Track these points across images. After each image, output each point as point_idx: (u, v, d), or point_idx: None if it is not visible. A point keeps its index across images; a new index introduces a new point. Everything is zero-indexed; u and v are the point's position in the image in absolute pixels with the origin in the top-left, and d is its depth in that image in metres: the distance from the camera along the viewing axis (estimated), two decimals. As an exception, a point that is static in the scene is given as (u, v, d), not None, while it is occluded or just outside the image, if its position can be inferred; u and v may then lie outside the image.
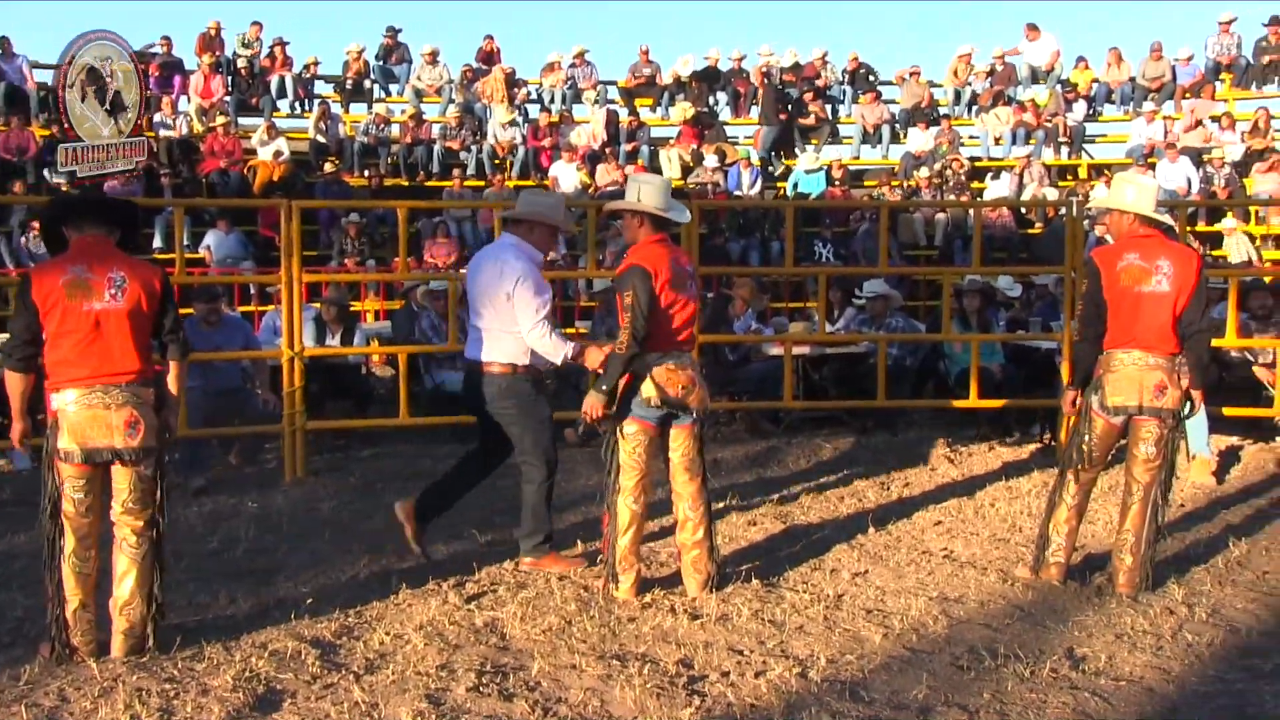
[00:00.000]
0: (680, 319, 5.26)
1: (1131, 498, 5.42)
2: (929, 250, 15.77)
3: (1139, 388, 5.28)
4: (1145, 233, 5.37)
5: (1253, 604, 5.25)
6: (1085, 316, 5.43)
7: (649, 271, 5.15)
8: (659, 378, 5.22)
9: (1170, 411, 5.30)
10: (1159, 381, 5.26)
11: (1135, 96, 18.02)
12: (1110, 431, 5.42)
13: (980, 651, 4.58)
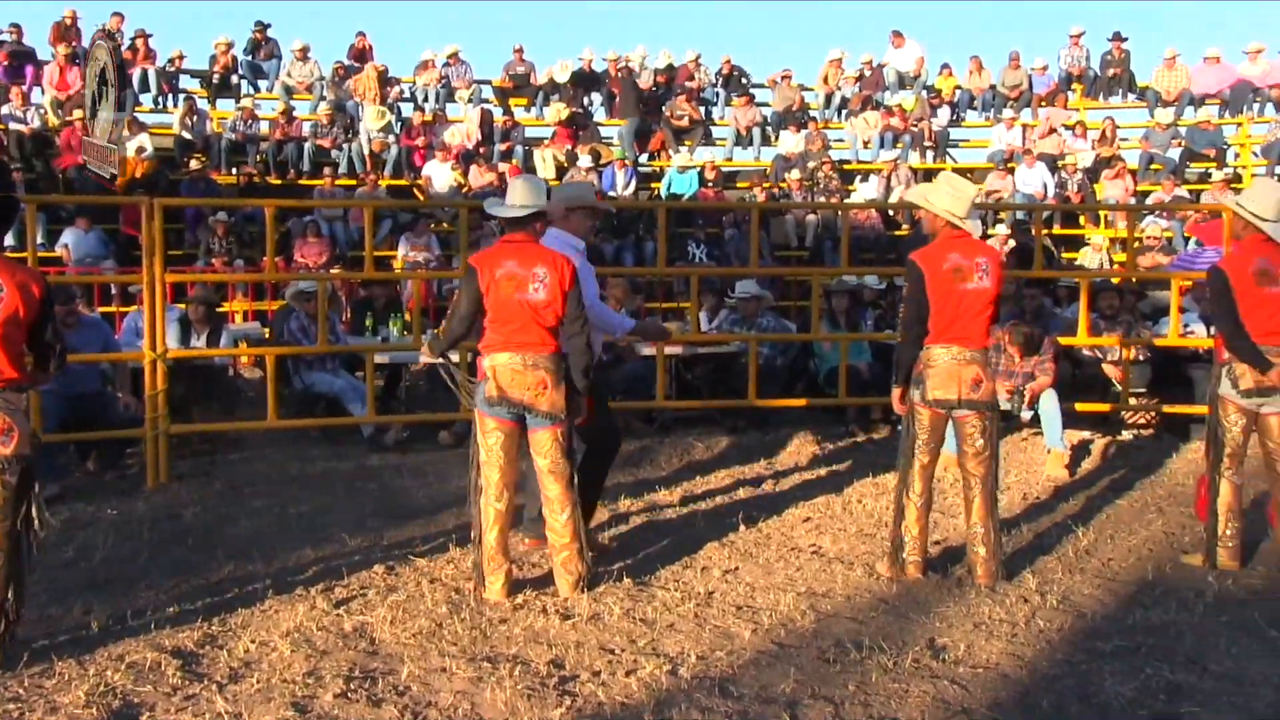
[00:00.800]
0: (518, 320, 5.25)
1: (972, 491, 5.62)
2: (800, 251, 16.03)
3: (957, 381, 5.48)
4: (958, 232, 5.58)
5: (1098, 589, 5.48)
6: (908, 317, 5.55)
7: (475, 270, 5.29)
8: (501, 377, 5.25)
9: (987, 404, 5.52)
10: (975, 375, 5.48)
11: (995, 103, 18.57)
12: (939, 422, 5.60)
13: (846, 644, 4.69)
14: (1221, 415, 5.80)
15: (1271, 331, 5.61)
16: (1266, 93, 17.33)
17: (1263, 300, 5.59)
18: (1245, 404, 5.73)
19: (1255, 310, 5.60)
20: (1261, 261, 5.63)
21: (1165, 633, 4.86)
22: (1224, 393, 5.76)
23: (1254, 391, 5.67)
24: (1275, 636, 4.83)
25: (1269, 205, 5.64)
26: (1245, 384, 5.67)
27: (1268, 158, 16.39)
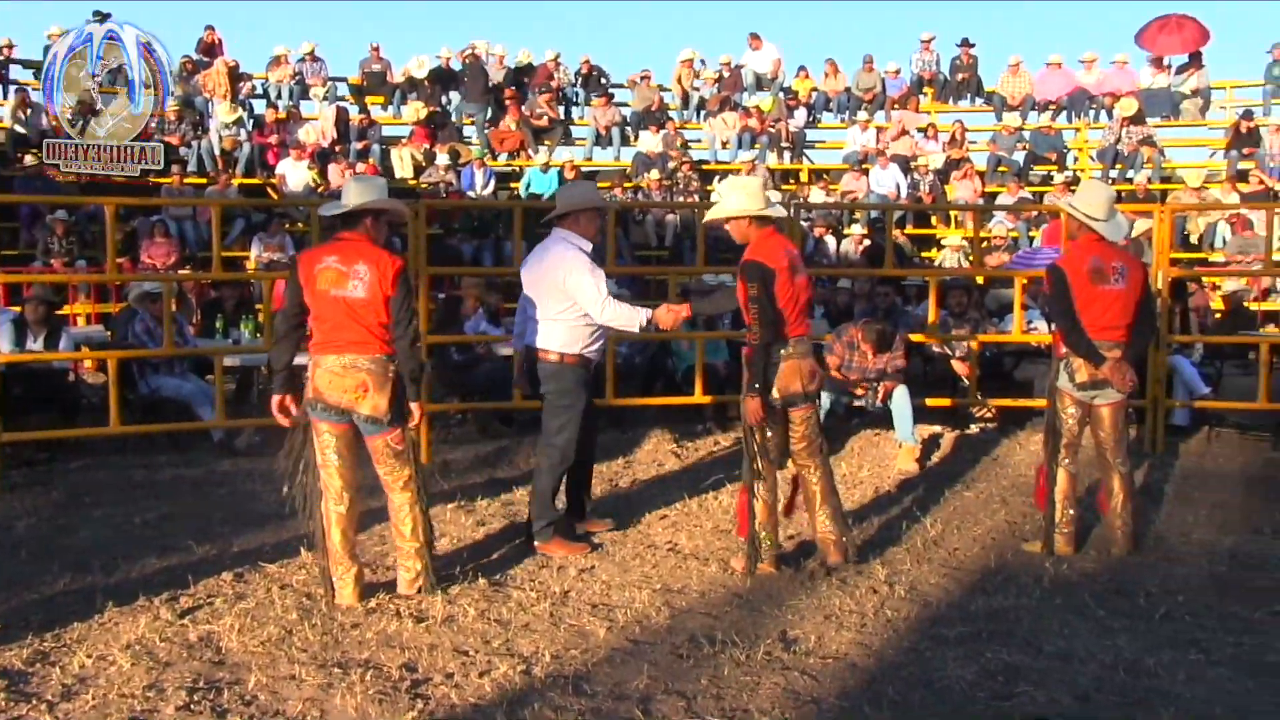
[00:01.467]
0: (336, 318, 5.15)
1: (811, 476, 5.81)
2: (660, 251, 16.13)
3: (799, 376, 5.60)
4: (767, 231, 5.72)
5: (944, 578, 5.65)
6: (763, 319, 5.56)
7: (296, 264, 5.28)
8: (319, 379, 5.18)
9: (817, 395, 5.73)
10: (811, 367, 5.66)
11: (850, 106, 18.96)
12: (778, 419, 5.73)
13: (700, 639, 4.74)
14: (1060, 408, 6.02)
15: (1105, 327, 5.85)
16: (1101, 99, 18.02)
17: (1097, 297, 5.82)
18: (1080, 396, 5.96)
19: (1090, 307, 5.83)
20: (1095, 260, 5.87)
21: (1005, 617, 5.03)
22: (1061, 386, 5.99)
23: (1089, 385, 5.91)
24: (1103, 616, 5.05)
25: (1099, 206, 5.90)
26: (1081, 377, 5.91)
27: (1103, 161, 17.06)
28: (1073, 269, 5.87)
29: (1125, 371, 5.90)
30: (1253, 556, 6.06)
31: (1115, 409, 6.06)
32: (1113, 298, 5.86)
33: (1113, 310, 5.86)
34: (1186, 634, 4.86)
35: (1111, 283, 5.87)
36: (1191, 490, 7.66)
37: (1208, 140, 18.12)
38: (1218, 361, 10.32)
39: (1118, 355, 5.90)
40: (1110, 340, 5.88)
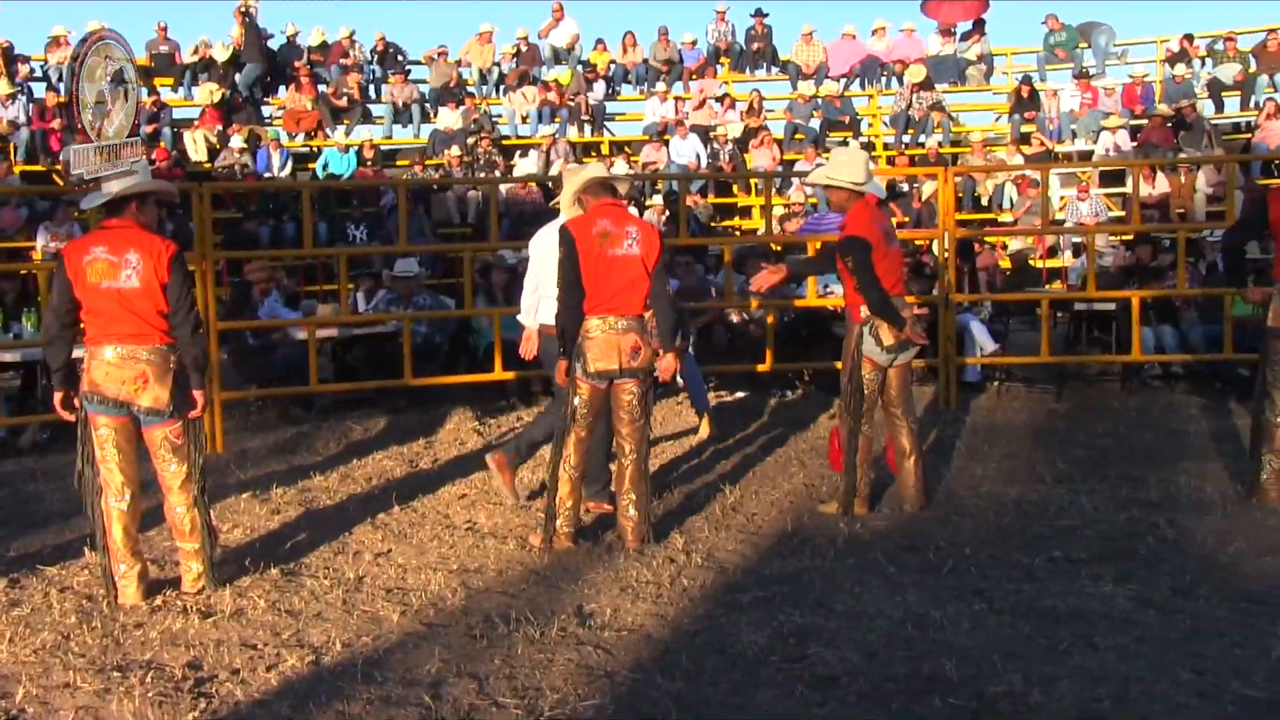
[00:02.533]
0: (110, 310, 4.90)
1: (625, 458, 5.71)
2: (463, 228, 15.89)
3: (616, 351, 5.55)
4: (611, 201, 5.67)
5: (741, 544, 5.69)
6: (566, 284, 5.57)
7: (62, 258, 4.96)
8: (95, 371, 4.91)
9: (645, 370, 5.62)
10: (633, 343, 5.57)
11: (649, 77, 18.99)
12: (597, 396, 5.66)
13: (494, 619, 4.64)
14: (861, 372, 6.11)
15: (894, 285, 5.99)
16: (891, 67, 18.49)
17: (887, 257, 5.95)
18: (883, 360, 6.07)
19: (884, 268, 5.94)
20: (883, 222, 5.98)
21: (799, 580, 5.08)
22: (867, 351, 6.07)
23: (895, 347, 6.02)
24: (894, 572, 5.15)
25: (859, 169, 6.02)
26: (887, 341, 6.02)
27: (894, 126, 17.52)
28: (870, 234, 5.94)
29: (919, 327, 6.09)
30: (1035, 505, 6.29)
31: (903, 369, 6.20)
32: (896, 256, 5.99)
33: (897, 268, 6.01)
34: (971, 585, 4.99)
35: (894, 242, 6.00)
36: (981, 444, 7.93)
37: (992, 105, 18.79)
38: (1005, 318, 10.71)
39: (910, 314, 6.06)
40: (900, 295, 6.03)
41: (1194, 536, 5.62)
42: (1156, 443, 7.83)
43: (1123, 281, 10.43)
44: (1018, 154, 16.00)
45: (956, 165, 15.71)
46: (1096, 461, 7.33)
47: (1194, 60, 17.59)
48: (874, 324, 5.99)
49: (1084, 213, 14.27)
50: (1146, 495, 6.44)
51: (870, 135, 17.99)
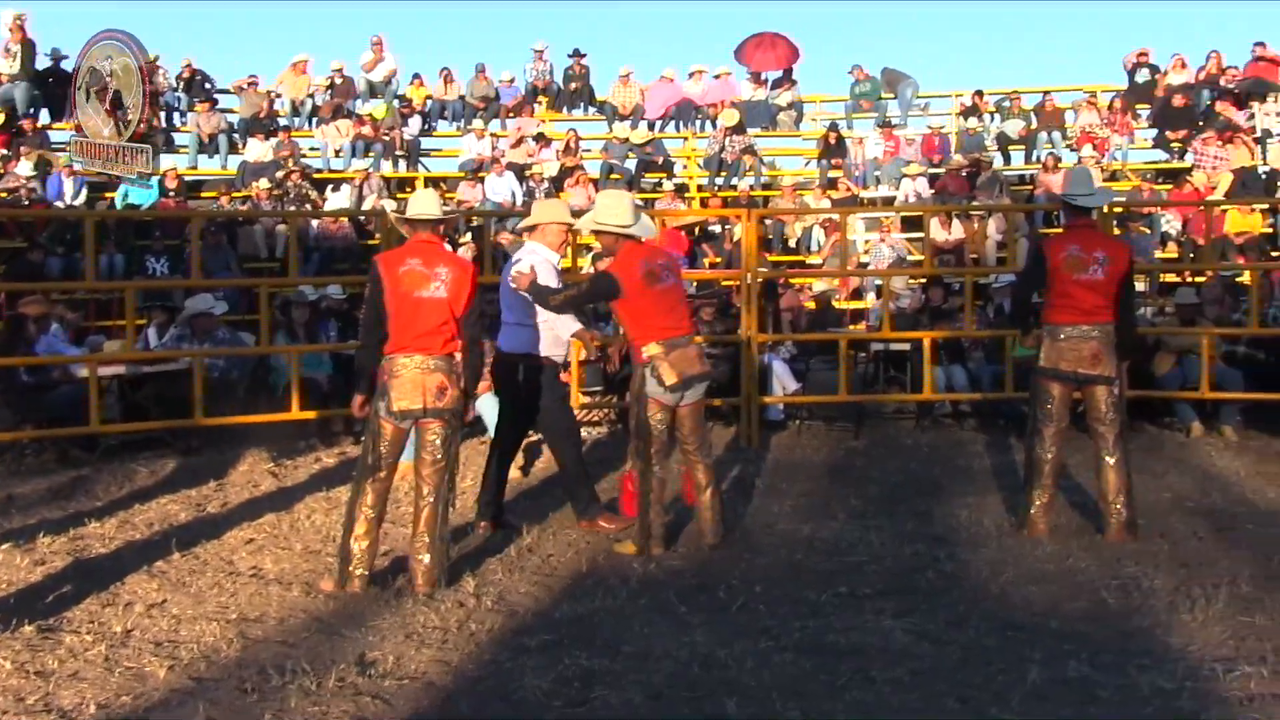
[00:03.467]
0: None
1: (423, 500, 5.58)
2: (271, 262, 15.46)
3: (422, 391, 5.45)
4: (427, 238, 5.59)
5: (535, 587, 5.62)
6: (367, 321, 5.53)
7: None
8: None
9: (451, 411, 5.53)
10: (439, 383, 5.47)
11: (465, 113, 18.92)
12: (399, 435, 5.55)
13: (269, 671, 4.46)
14: (647, 414, 6.13)
15: (669, 326, 6.05)
16: (706, 110, 18.84)
17: (656, 297, 6.00)
18: (669, 400, 6.10)
19: (639, 305, 6.01)
20: (645, 263, 6.03)
21: (589, 621, 5.05)
22: (650, 392, 6.09)
23: (678, 386, 6.06)
24: (684, 612, 5.17)
25: (624, 212, 6.10)
26: (670, 380, 6.04)
27: (708, 169, 17.83)
28: (626, 275, 6.00)
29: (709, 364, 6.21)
30: (826, 542, 6.41)
31: (694, 408, 6.25)
32: (666, 295, 6.06)
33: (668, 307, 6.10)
34: (759, 623, 5.03)
35: (665, 281, 6.06)
36: (780, 482, 8.06)
37: (801, 150, 19.31)
38: (807, 358, 10.95)
39: (694, 352, 6.12)
40: (680, 335, 6.08)
41: (970, 569, 5.82)
42: (943, 478, 8.10)
43: (918, 323, 10.80)
44: (824, 198, 16.45)
45: (767, 208, 16.15)
46: (888, 497, 7.53)
47: (984, 114, 18.43)
48: (655, 364, 6.02)
49: (886, 256, 14.75)
50: (931, 529, 6.65)
51: (684, 177, 18.27)
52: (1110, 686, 4.23)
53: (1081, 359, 6.30)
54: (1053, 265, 6.33)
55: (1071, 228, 6.56)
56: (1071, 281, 6.29)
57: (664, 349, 6.03)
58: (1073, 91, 18.69)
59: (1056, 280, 6.34)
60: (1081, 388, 6.41)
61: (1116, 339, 6.36)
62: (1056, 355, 6.34)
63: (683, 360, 6.06)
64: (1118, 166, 17.18)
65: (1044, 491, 6.45)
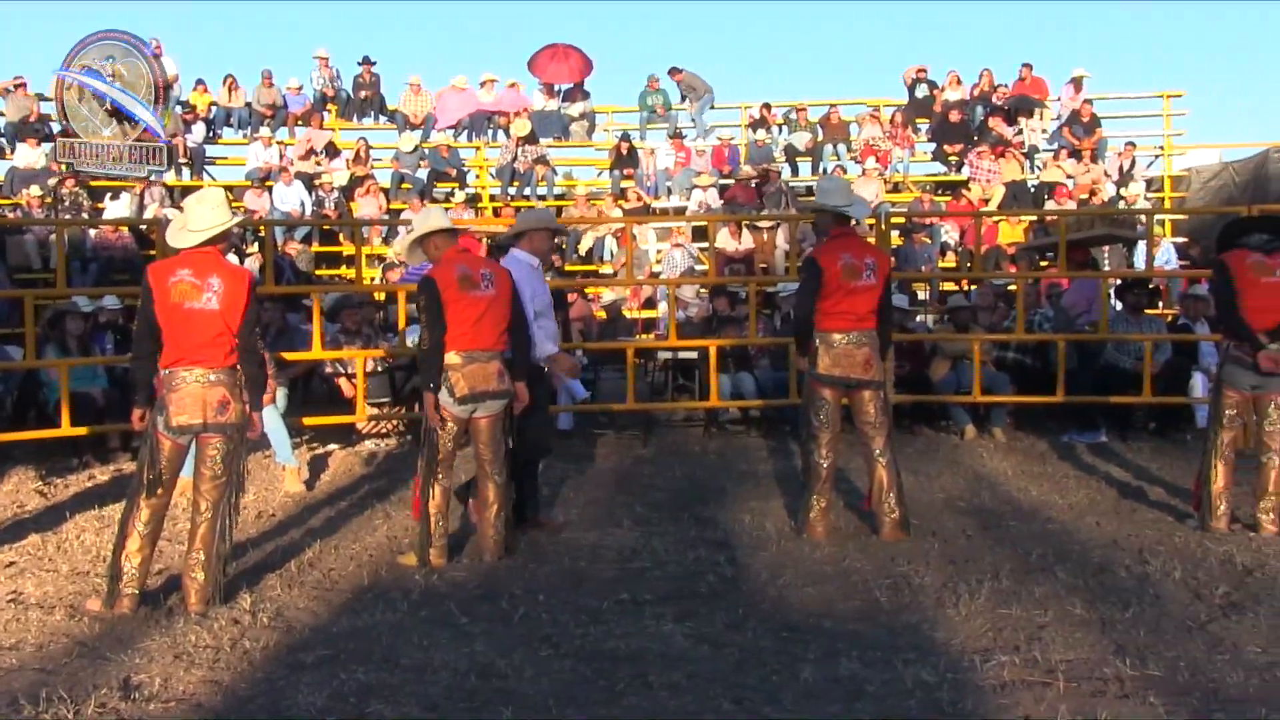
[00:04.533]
0: None
1: (200, 516, 5.43)
2: (45, 273, 14.71)
3: (202, 405, 5.29)
4: (201, 251, 5.43)
5: (314, 602, 5.51)
6: (138, 333, 5.36)
7: None
8: None
9: (234, 426, 5.39)
10: (221, 397, 5.33)
11: (252, 121, 18.41)
12: (177, 452, 5.38)
13: (22, 701, 4.23)
14: (436, 424, 6.09)
15: (473, 338, 6.04)
16: (498, 120, 18.81)
17: (466, 305, 5.99)
18: (458, 411, 6.08)
19: (458, 316, 5.98)
20: (461, 268, 6.02)
21: (367, 635, 4.98)
22: (442, 402, 6.06)
23: (469, 398, 6.04)
24: (465, 623, 5.15)
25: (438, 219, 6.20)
26: (460, 391, 6.02)
27: (500, 179, 17.82)
28: (443, 280, 5.98)
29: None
30: (611, 549, 6.49)
31: (490, 422, 6.23)
32: (486, 302, 6.05)
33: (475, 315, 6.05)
34: (541, 631, 5.05)
35: (481, 289, 6.05)
36: (567, 491, 8.12)
37: (594, 160, 19.49)
38: (597, 367, 11.05)
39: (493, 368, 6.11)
40: (484, 349, 6.07)
41: (750, 572, 5.97)
42: (728, 484, 8.30)
43: (706, 331, 11.03)
44: (616, 207, 16.64)
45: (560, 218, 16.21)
46: (673, 504, 7.66)
47: (772, 127, 18.95)
48: (448, 374, 6.01)
49: (680, 263, 15.01)
50: (714, 535, 6.80)
51: (477, 187, 18.21)
52: (877, 682, 4.40)
53: (854, 365, 6.55)
54: (830, 275, 6.53)
55: (837, 237, 6.73)
56: (849, 289, 6.52)
57: (462, 360, 6.02)
58: (856, 105, 19.35)
59: (834, 289, 6.53)
60: (850, 392, 6.66)
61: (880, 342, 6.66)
62: (831, 362, 6.57)
63: (478, 374, 6.05)
64: (899, 178, 17.94)
65: (822, 496, 6.68)
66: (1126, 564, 6.00)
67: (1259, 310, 6.57)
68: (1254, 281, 6.59)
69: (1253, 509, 6.73)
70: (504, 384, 6.18)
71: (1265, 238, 6.71)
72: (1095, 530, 6.84)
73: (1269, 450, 6.70)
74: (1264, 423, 6.73)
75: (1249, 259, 6.64)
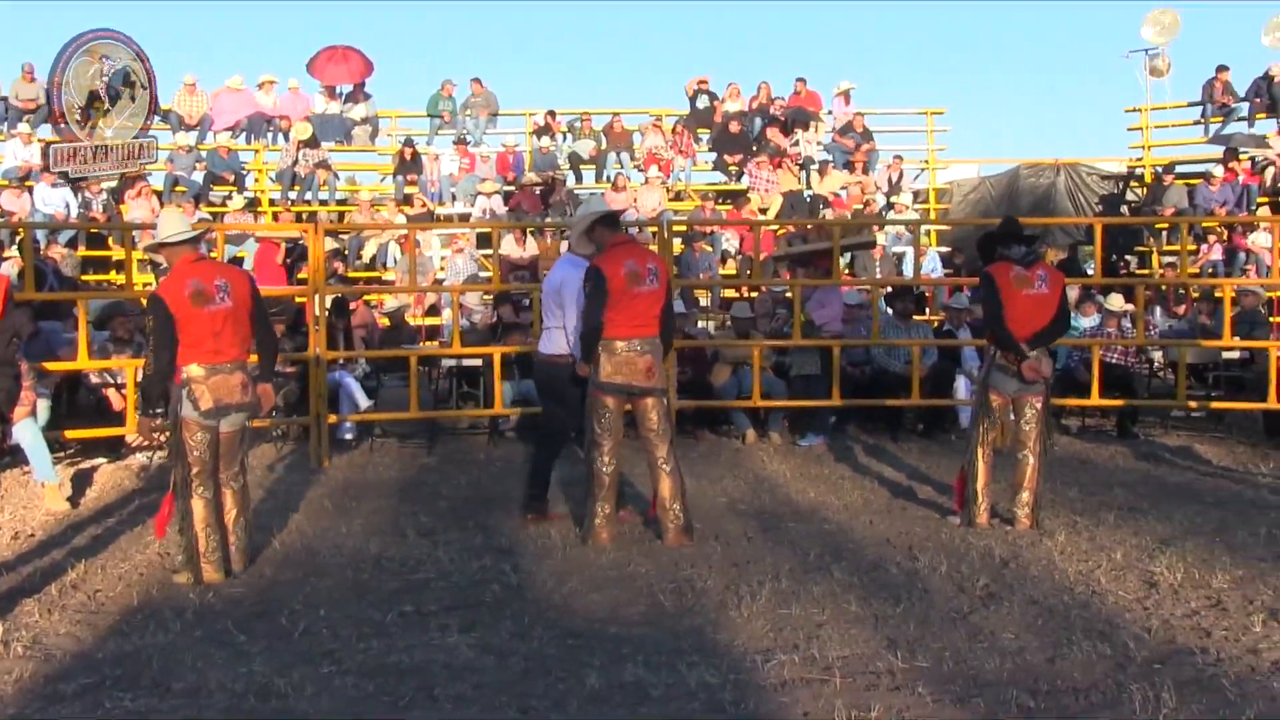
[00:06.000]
0: None
1: None
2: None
3: None
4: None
5: (77, 626, 5.24)
6: None
7: None
8: None
9: None
10: None
11: (9, 117, 17.36)
12: None
13: None
14: (185, 435, 5.89)
15: (215, 350, 5.85)
16: (278, 123, 18.29)
17: (205, 319, 5.80)
18: (208, 424, 5.89)
19: (198, 329, 5.80)
20: (194, 283, 5.81)
21: (136, 660, 4.75)
22: (185, 414, 5.87)
23: (212, 412, 5.86)
24: (243, 642, 4.98)
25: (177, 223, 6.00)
26: (205, 404, 5.84)
27: (280, 182, 17.34)
28: (172, 296, 5.76)
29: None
30: (394, 560, 6.38)
31: (231, 435, 6.06)
32: (224, 314, 5.88)
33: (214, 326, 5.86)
34: (322, 647, 4.93)
35: (217, 301, 5.86)
36: (350, 502, 7.94)
37: (378, 165, 19.16)
38: (379, 375, 10.87)
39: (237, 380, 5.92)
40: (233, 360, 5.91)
41: (535, 580, 5.97)
42: (514, 492, 8.22)
43: (490, 338, 10.99)
44: (399, 213, 16.41)
45: (342, 223, 15.92)
46: (458, 513, 7.60)
47: (557, 134, 19.03)
48: (192, 387, 5.82)
49: (462, 271, 14.90)
50: (499, 543, 6.77)
51: (256, 190, 17.67)
52: (662, 685, 4.45)
53: (636, 372, 6.62)
54: (614, 283, 6.56)
55: (617, 245, 6.75)
56: (632, 295, 6.56)
57: (205, 373, 5.83)
58: (639, 114, 19.63)
59: (618, 296, 6.55)
60: (633, 400, 6.73)
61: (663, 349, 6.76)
62: (613, 369, 6.62)
63: (222, 387, 5.88)
64: (682, 187, 18.27)
65: (605, 502, 6.72)
66: (897, 560, 6.27)
67: (1018, 321, 6.98)
68: (1014, 294, 6.99)
69: (1009, 504, 7.13)
70: (248, 396, 6.03)
71: (1024, 250, 7.11)
72: (869, 529, 7.12)
73: (1024, 449, 7.11)
74: (1021, 422, 7.13)
75: (1011, 272, 7.03)
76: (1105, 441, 10.68)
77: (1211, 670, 4.55)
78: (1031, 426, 7.12)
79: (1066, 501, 7.82)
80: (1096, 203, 19.01)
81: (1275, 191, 17.12)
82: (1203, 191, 16.80)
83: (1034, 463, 7.10)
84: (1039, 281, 7.08)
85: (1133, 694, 4.26)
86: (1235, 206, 16.50)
